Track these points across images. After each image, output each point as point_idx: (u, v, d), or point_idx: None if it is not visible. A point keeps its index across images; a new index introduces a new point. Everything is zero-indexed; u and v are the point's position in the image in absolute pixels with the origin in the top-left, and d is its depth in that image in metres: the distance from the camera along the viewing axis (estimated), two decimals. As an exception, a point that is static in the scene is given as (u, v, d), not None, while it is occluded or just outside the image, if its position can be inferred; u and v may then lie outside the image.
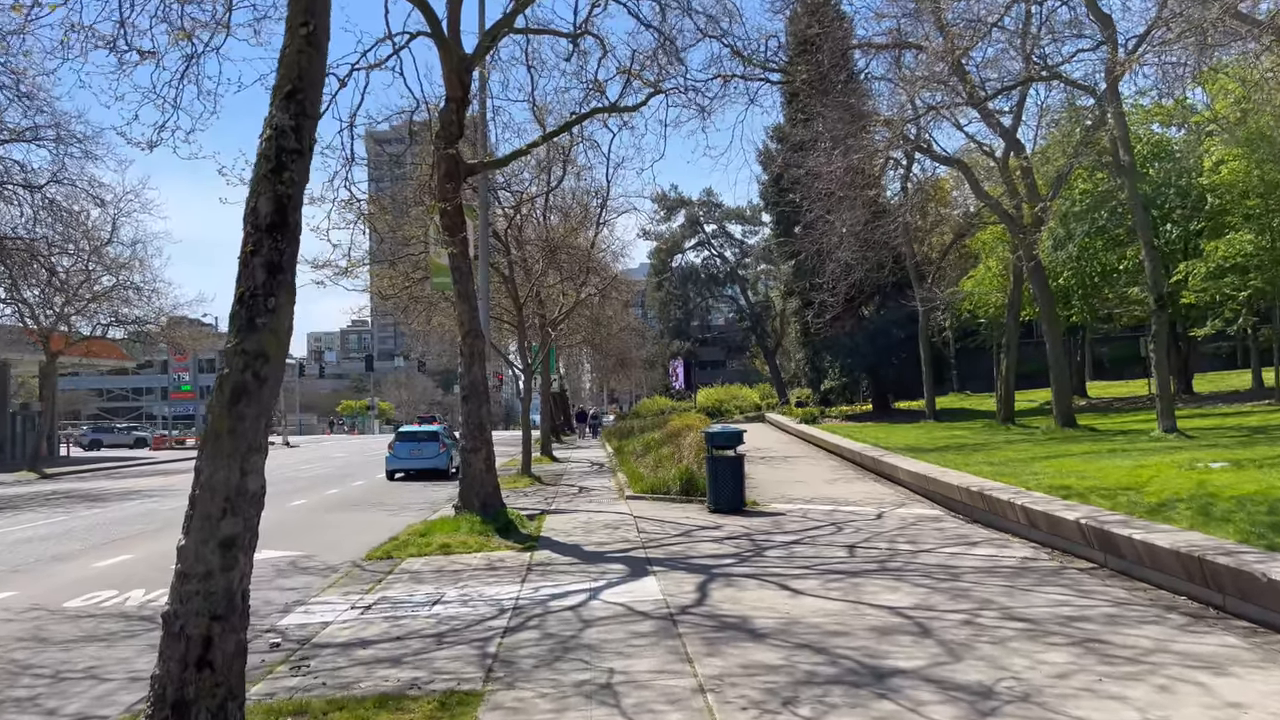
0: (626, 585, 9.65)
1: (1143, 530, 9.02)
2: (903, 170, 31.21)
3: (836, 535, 12.35)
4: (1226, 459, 12.68)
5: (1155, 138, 31.14)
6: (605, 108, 16.73)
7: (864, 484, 18.40)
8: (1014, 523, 11.95)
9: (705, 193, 65.77)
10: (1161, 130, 32.13)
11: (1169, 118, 31.77)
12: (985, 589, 8.76)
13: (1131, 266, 29.42)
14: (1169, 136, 30.36)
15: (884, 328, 36.79)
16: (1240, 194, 26.26)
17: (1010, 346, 27.02)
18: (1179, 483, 11.15)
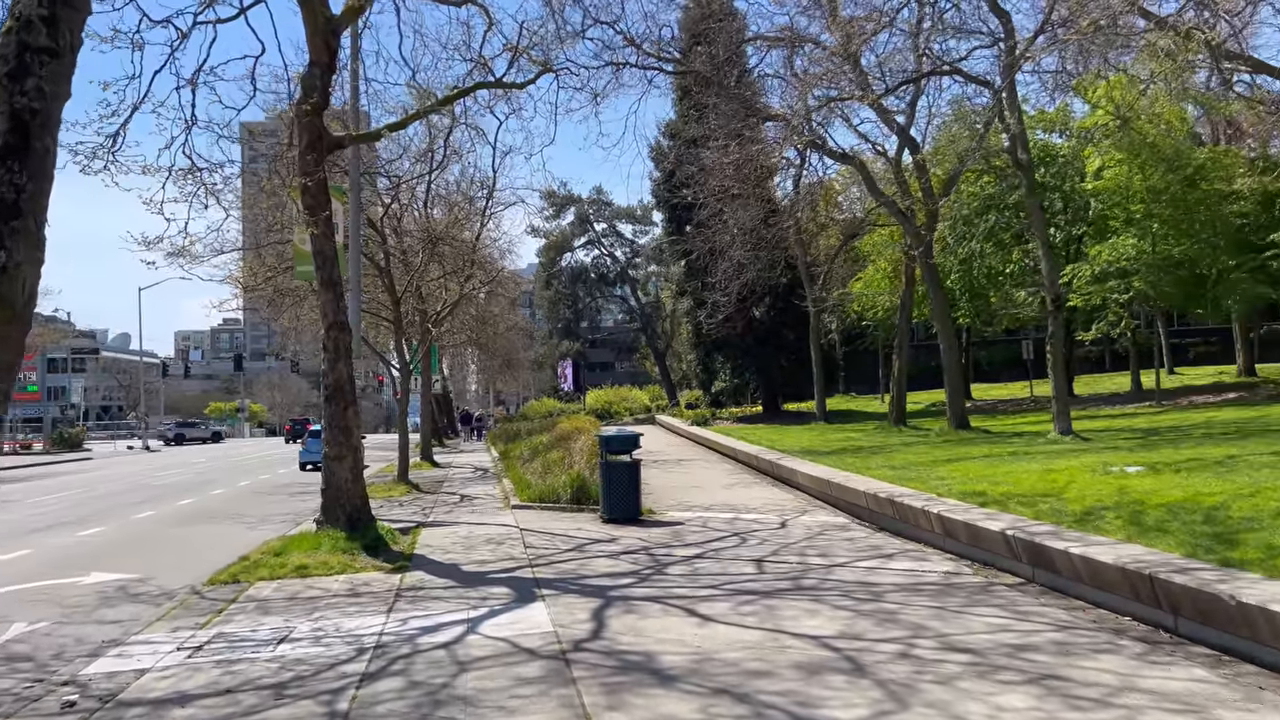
0: (511, 614, 8.39)
1: (1079, 543, 8.27)
2: (795, 169, 30.74)
3: (742, 548, 11.35)
4: (1138, 463, 12.25)
5: (1040, 144, 31.56)
6: (491, 82, 15.39)
7: (763, 489, 17.55)
8: (928, 532, 11.18)
9: (595, 190, 64.70)
10: (1045, 137, 32.60)
11: (1052, 125, 32.26)
12: (913, 611, 7.85)
13: (1018, 270, 29.66)
14: (1054, 143, 30.77)
15: (775, 329, 36.37)
16: (1122, 199, 26.68)
17: (901, 348, 26.79)
18: (1099, 489, 10.56)
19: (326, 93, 13.09)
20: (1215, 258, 24.87)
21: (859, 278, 37.04)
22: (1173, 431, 17.59)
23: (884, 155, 26.20)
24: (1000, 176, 28.59)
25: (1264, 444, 12.97)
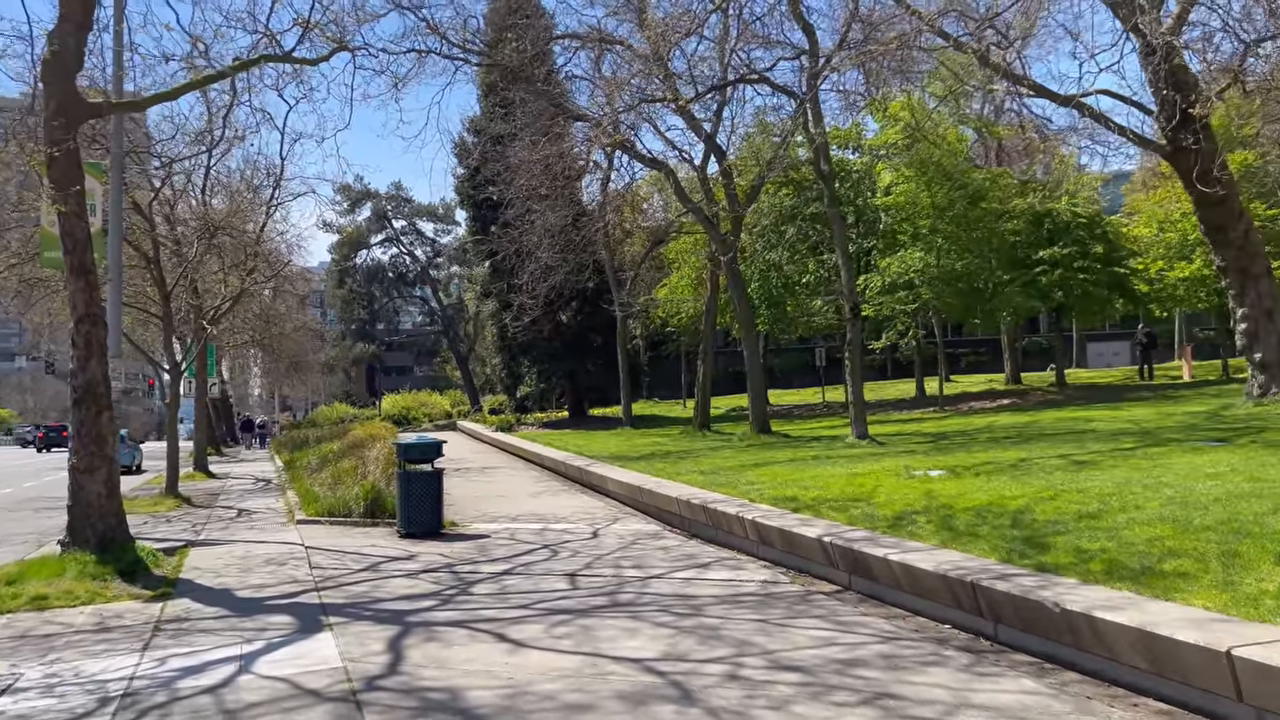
0: (293, 647, 7.35)
1: (897, 550, 8.16)
2: (604, 171, 30.46)
3: (553, 561, 10.68)
4: (939, 466, 12.54)
5: (836, 159, 32.82)
6: (278, 56, 14.01)
7: (572, 497, 16.97)
8: (742, 539, 10.94)
9: (395, 186, 62.25)
10: (840, 153, 33.92)
11: (845, 141, 33.54)
12: (736, 626, 7.46)
13: (814, 279, 30.61)
14: (848, 159, 32.04)
15: (583, 333, 35.99)
16: (911, 214, 28.04)
17: (707, 354, 27.00)
18: (906, 493, 10.63)
19: (81, 52, 11.40)
20: (991, 272, 26.57)
21: (664, 284, 37.25)
22: (960, 435, 18.39)
23: (690, 162, 26.31)
24: (799, 189, 29.43)
25: (1048, 447, 13.64)
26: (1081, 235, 26.34)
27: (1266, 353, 16.58)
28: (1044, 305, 27.41)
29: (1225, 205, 16.88)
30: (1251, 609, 5.50)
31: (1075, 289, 25.86)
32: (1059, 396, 25.93)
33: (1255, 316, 16.67)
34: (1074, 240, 26.19)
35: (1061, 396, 25.87)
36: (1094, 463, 11.27)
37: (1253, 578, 5.98)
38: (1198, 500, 8.01)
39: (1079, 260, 25.76)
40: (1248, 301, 16.75)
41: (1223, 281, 17.51)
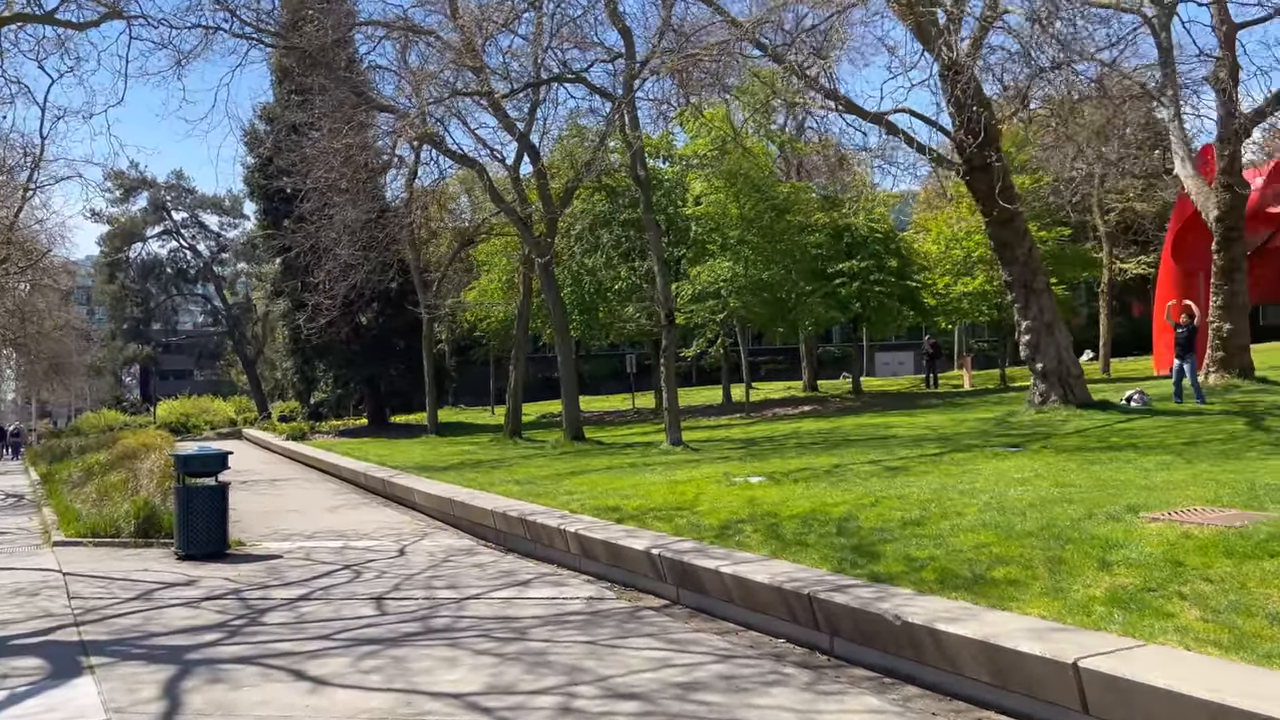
0: (43, 697, 6.22)
1: (728, 561, 7.89)
2: (410, 167, 29.22)
3: (356, 583, 9.78)
4: (757, 473, 12.51)
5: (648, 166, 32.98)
6: (38, 16, 12.33)
7: (374, 511, 15.90)
8: (563, 552, 10.44)
9: (175, 174, 57.62)
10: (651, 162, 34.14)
11: (656, 150, 33.78)
12: (565, 649, 6.94)
13: (626, 286, 30.56)
14: (659, 167, 32.23)
15: (385, 336, 34.39)
16: (719, 225, 28.50)
17: (519, 359, 26.35)
18: (729, 501, 10.47)
19: None
20: (794, 283, 27.38)
21: (473, 286, 36.25)
22: (769, 441, 18.67)
23: (502, 162, 25.60)
24: (613, 194, 29.31)
25: (859, 453, 13.94)
26: (878, 250, 27.65)
27: (1046, 363, 17.74)
28: (844, 315, 28.59)
29: (1013, 224, 17.95)
30: (1084, 616, 5.53)
31: (872, 301, 27.09)
32: (856, 403, 27.03)
33: (1037, 329, 17.81)
34: (871, 254, 27.45)
35: (859, 403, 26.98)
36: (906, 468, 11.53)
37: (1079, 584, 6.05)
38: (1013, 506, 8.20)
39: (875, 273, 27.01)
40: (1031, 314, 17.87)
41: (1009, 295, 18.65)
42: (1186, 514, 6.98)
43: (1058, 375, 17.78)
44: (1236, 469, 8.88)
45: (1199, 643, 4.91)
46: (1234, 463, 9.37)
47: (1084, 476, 9.38)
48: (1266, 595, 5.29)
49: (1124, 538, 6.58)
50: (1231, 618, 5.10)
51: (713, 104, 27.34)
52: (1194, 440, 11.91)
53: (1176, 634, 5.05)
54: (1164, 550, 6.21)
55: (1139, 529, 6.74)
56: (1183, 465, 9.51)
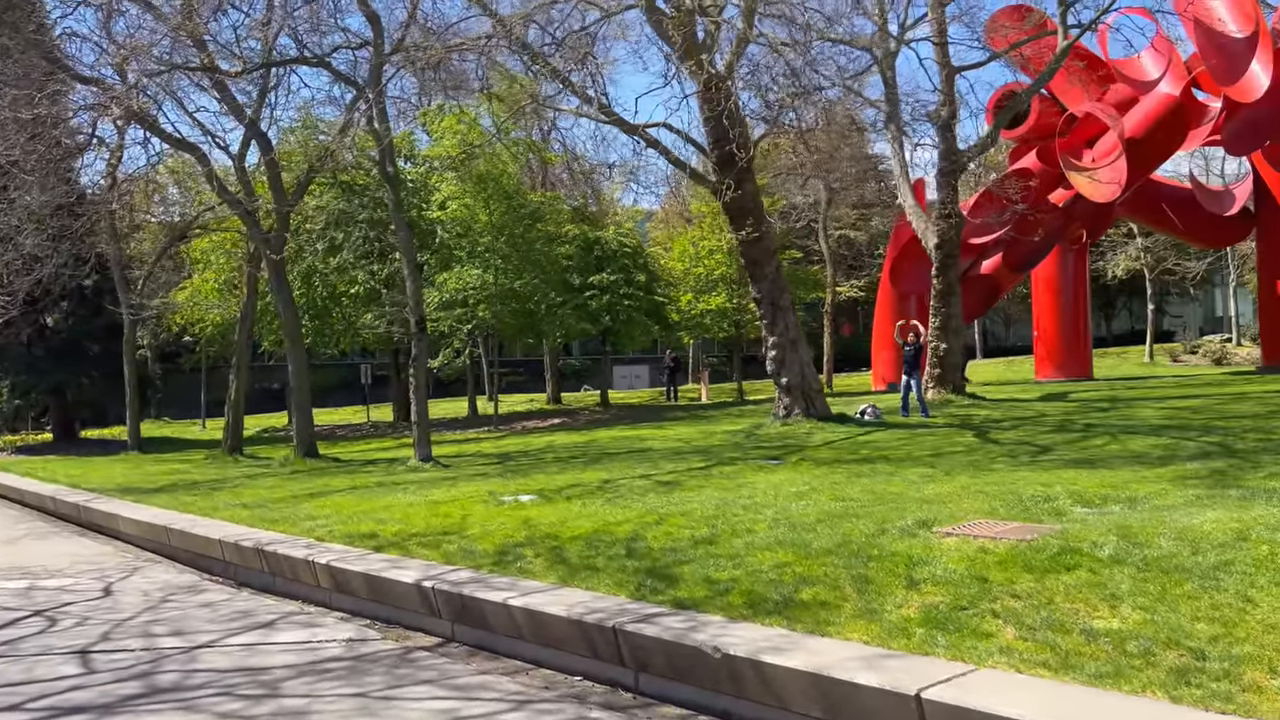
0: None
1: (515, 592, 7.16)
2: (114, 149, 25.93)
3: (51, 634, 8.06)
4: (525, 491, 11.82)
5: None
6: None
7: (67, 541, 13.60)
8: (310, 586, 9.22)
9: None
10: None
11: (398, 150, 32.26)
12: (330, 706, 5.93)
13: (365, 291, 28.83)
14: (401, 167, 30.69)
15: (76, 340, 30.23)
16: (467, 230, 27.54)
17: (241, 367, 23.93)
18: (502, 522, 9.71)
19: None
20: (545, 294, 26.94)
21: (184, 285, 32.80)
22: (525, 456, 18.03)
23: (226, 150, 23.23)
24: (350, 191, 27.53)
25: (625, 467, 13.62)
26: (627, 264, 27.85)
27: (791, 378, 18.40)
28: (594, 328, 28.52)
29: (762, 243, 18.50)
30: (905, 639, 5.33)
31: (622, 314, 27.21)
32: (605, 415, 27.00)
33: (783, 345, 18.44)
34: (620, 268, 27.58)
35: (607, 416, 26.96)
36: (679, 483, 11.29)
37: (891, 604, 5.88)
38: (801, 521, 8.08)
39: (625, 287, 27.16)
40: (777, 331, 18.48)
41: (758, 312, 19.21)
42: (974, 528, 7.09)
43: (801, 390, 18.48)
44: (995, 481, 9.32)
45: (1027, 664, 4.81)
46: (988, 474, 9.87)
47: (857, 490, 9.50)
48: (1074, 610, 5.33)
49: (925, 554, 6.54)
50: (1049, 635, 5.07)
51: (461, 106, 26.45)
52: (938, 452, 12.58)
53: (1002, 655, 4.94)
54: (966, 566, 6.20)
55: (936, 545, 6.75)
56: (943, 478, 9.90)
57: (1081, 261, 31.61)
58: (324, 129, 28.35)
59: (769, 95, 18.22)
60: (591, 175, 32.54)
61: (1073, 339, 30.95)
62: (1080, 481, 8.74)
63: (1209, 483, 8.25)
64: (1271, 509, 6.75)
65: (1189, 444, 11.28)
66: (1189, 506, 7.14)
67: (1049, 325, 31.12)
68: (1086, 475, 9.17)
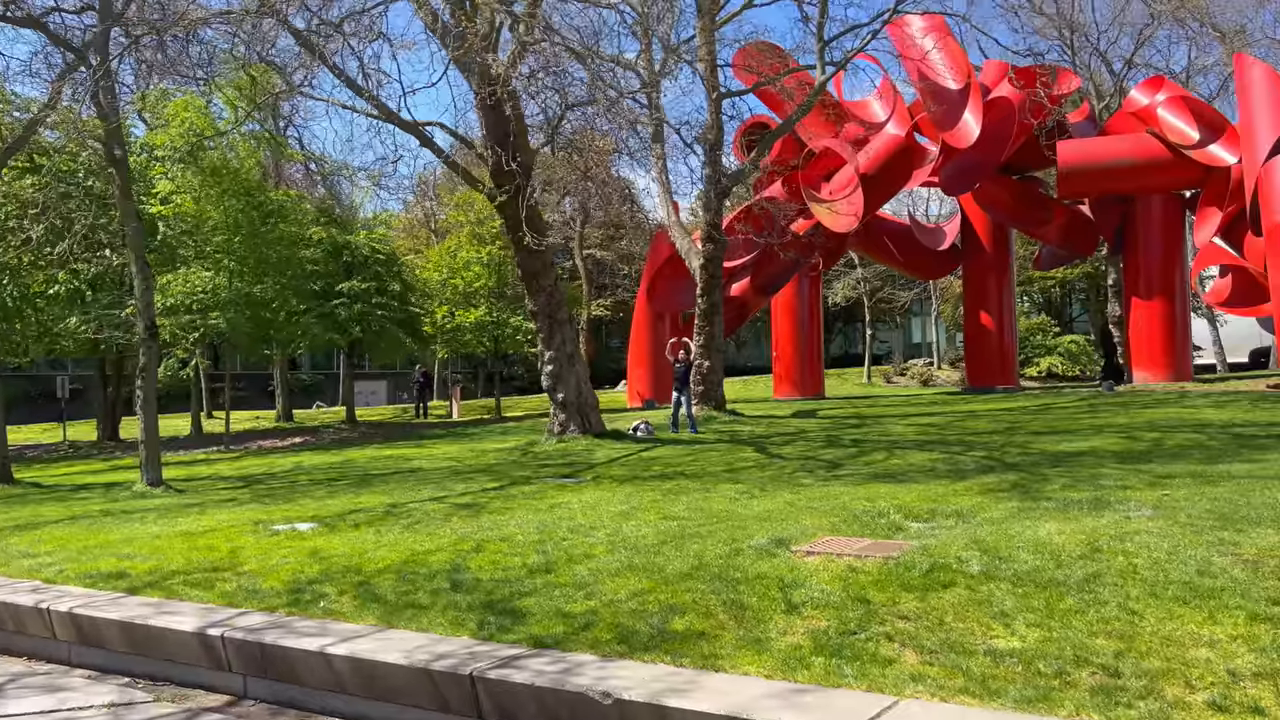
0: None
1: (332, 638, 6.14)
2: None
3: None
4: (294, 517, 10.47)
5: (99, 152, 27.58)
6: None
7: None
8: (43, 639, 7.59)
9: None
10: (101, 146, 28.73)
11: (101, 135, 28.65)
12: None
13: (66, 292, 25.22)
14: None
15: None
16: (195, 228, 24.82)
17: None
18: (284, 555, 8.47)
19: None
20: (287, 301, 24.77)
21: None
22: (274, 479, 16.30)
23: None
24: (57, 178, 23.96)
25: (409, 489, 12.51)
26: (380, 271, 26.20)
27: (567, 393, 17.95)
28: (343, 339, 26.52)
29: (541, 255, 17.95)
30: (806, 671, 4.98)
31: (374, 325, 25.52)
32: (353, 434, 25.21)
33: (560, 360, 17.96)
34: (373, 275, 25.91)
35: (355, 434, 25.18)
36: (481, 505, 10.45)
37: (775, 631, 5.53)
38: (641, 543, 7.60)
39: (377, 296, 25.52)
40: (554, 345, 17.99)
41: (535, 326, 18.59)
42: (829, 545, 6.93)
43: (577, 406, 18.09)
44: (818, 497, 9.31)
45: (946, 691, 4.59)
46: (805, 490, 9.87)
47: (681, 508, 9.16)
48: (968, 630, 5.21)
49: (793, 575, 6.26)
50: (953, 658, 4.90)
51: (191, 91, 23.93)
52: (732, 468, 12.58)
53: (915, 682, 4.70)
54: (841, 587, 5.97)
55: (801, 565, 6.49)
56: (761, 494, 9.79)
57: (816, 288, 33.69)
58: (20, 104, 24.70)
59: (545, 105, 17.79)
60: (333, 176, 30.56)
61: (808, 360, 32.84)
62: (900, 496, 8.90)
63: (1016, 495, 8.66)
64: (1101, 519, 7.11)
65: (964, 458, 11.99)
66: (1017, 519, 7.39)
67: (787, 347, 32.83)
68: (902, 490, 9.38)
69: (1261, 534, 6.24)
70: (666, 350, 20.94)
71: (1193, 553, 5.88)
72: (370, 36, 14.08)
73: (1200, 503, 7.45)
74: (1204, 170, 25.99)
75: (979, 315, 31.93)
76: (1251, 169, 23.45)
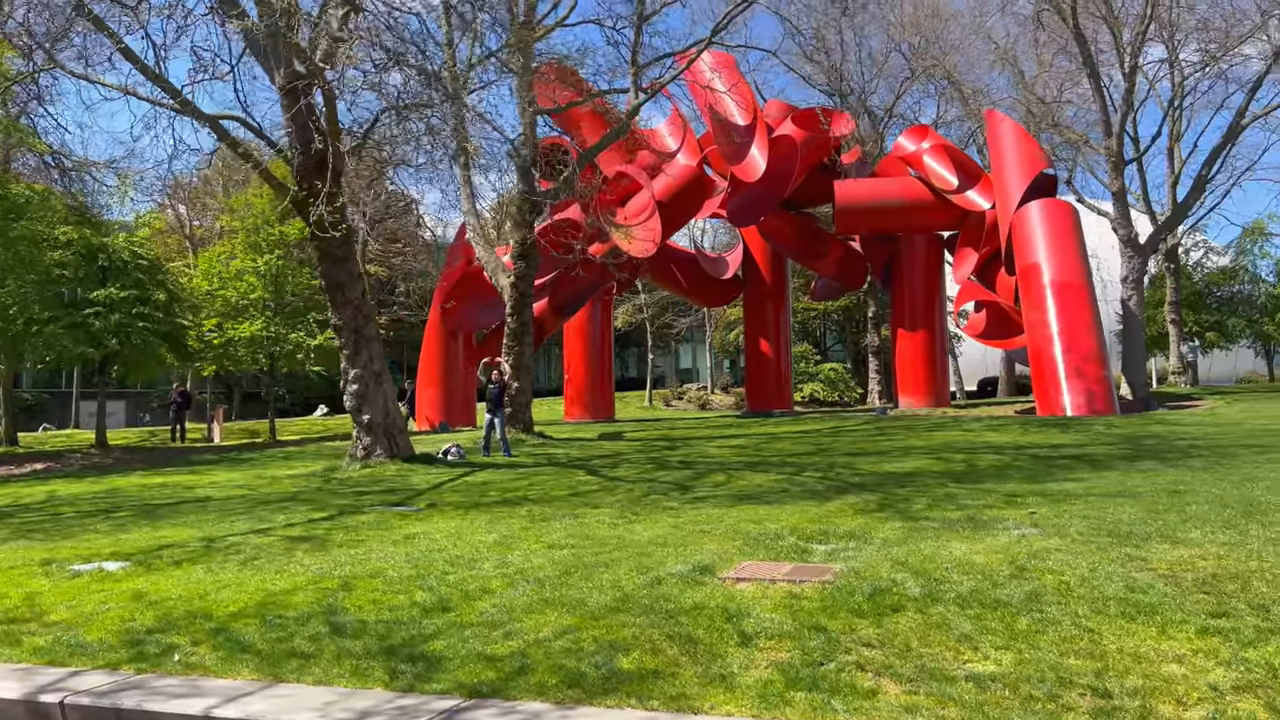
0: None
1: (215, 698, 5.20)
2: None
3: None
4: (89, 555, 8.93)
5: None
6: None
7: None
8: None
9: None
10: None
11: None
12: None
13: None
14: None
15: None
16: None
17: None
18: (101, 601, 7.18)
19: None
20: (29, 306, 21.64)
21: None
22: (28, 511, 14.00)
23: None
24: None
25: (213, 521, 11.04)
26: (142, 279, 23.48)
27: (374, 415, 16.77)
28: (97, 352, 23.40)
29: (347, 265, 16.73)
30: (788, 708, 4.69)
31: (134, 337, 22.76)
32: (106, 460, 22.34)
33: (366, 378, 16.76)
34: (134, 283, 23.17)
35: (110, 460, 22.34)
36: (319, 537, 9.38)
37: (736, 665, 5.20)
38: (540, 575, 7.03)
39: (139, 306, 22.84)
40: (360, 363, 16.77)
41: (338, 341, 17.21)
42: (752, 570, 6.69)
43: (384, 428, 16.96)
44: (700, 519, 9.05)
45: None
46: (680, 514, 9.58)
47: (561, 534, 8.63)
48: (938, 655, 5.12)
49: (734, 605, 5.95)
50: (937, 686, 4.77)
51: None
52: (577, 491, 12.12)
53: (908, 714, 4.52)
54: (790, 616, 5.74)
55: (736, 593, 6.20)
56: (637, 518, 9.41)
57: (607, 311, 33.87)
58: None
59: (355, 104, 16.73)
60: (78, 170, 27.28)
61: (599, 383, 32.88)
62: (781, 518, 8.83)
63: (893, 515, 8.81)
64: (1000, 539, 7.32)
65: (805, 479, 12.17)
66: (915, 539, 7.49)
67: (579, 369, 32.72)
68: (777, 512, 9.31)
69: (1158, 548, 6.65)
70: (479, 370, 20.13)
71: (1111, 569, 6.15)
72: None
73: (1074, 521, 7.88)
74: (962, 213, 28.48)
75: (759, 342, 33.24)
76: (1005, 215, 25.93)
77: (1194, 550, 6.56)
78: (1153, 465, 12.13)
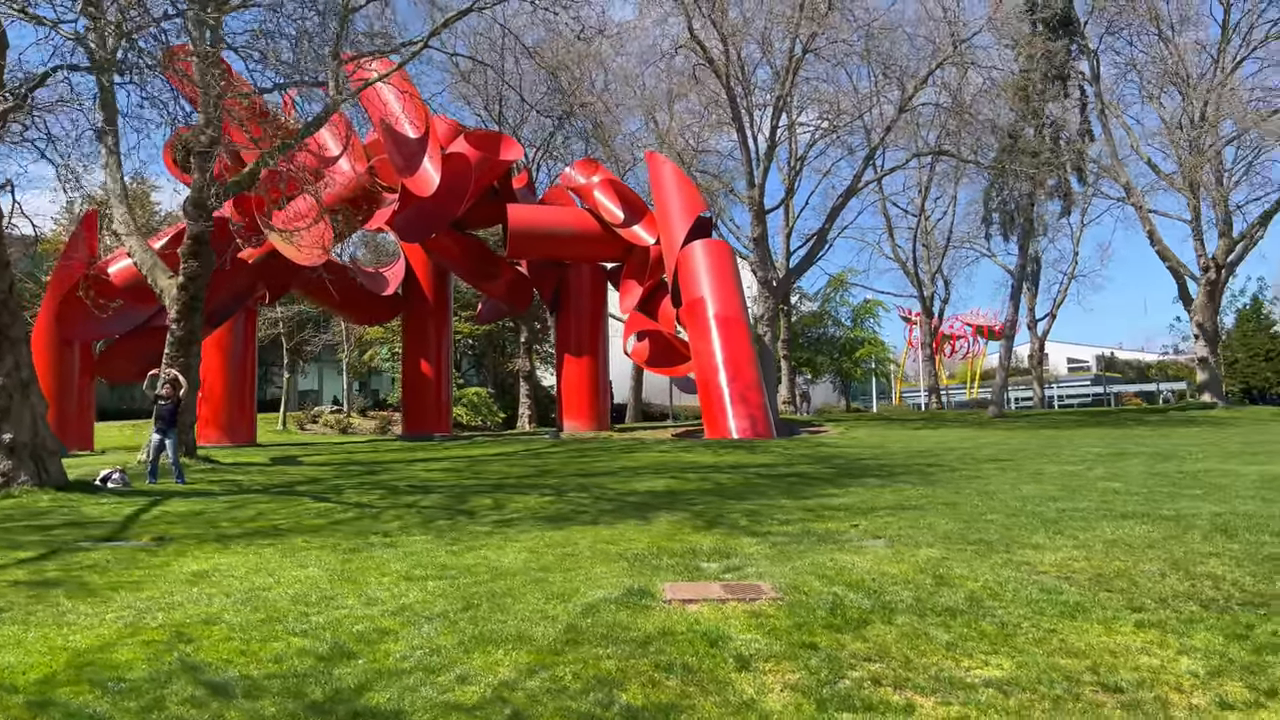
0: None
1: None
2: None
3: None
4: None
5: None
6: None
7: None
8: None
9: None
10: None
11: None
12: None
13: None
14: None
15: None
16: None
17: None
18: None
19: None
20: None
21: None
22: None
23: None
24: None
25: None
26: None
27: (19, 434, 13.63)
28: None
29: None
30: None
31: None
32: None
33: (10, 389, 13.58)
34: None
35: None
36: (73, 581, 7.37)
37: (752, 690, 4.92)
38: (440, 612, 6.11)
39: None
40: (4, 370, 13.58)
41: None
42: (688, 591, 6.33)
43: (31, 450, 13.94)
44: (559, 541, 8.38)
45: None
46: (532, 537, 8.81)
47: (405, 564, 7.54)
48: (940, 665, 5.19)
49: (704, 628, 5.60)
50: (965, 695, 4.83)
51: None
52: (337, 520, 10.74)
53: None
54: (771, 636, 5.51)
55: (698, 615, 5.83)
56: (485, 545, 8.47)
57: (251, 324, 30.83)
58: None
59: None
60: None
61: (240, 403, 29.73)
62: (635, 539, 8.46)
63: (732, 531, 8.82)
64: (867, 551, 7.61)
65: (580, 498, 11.84)
66: (795, 554, 7.58)
67: (217, 387, 29.27)
68: (629, 532, 8.92)
69: (1027, 554, 7.33)
70: (145, 383, 17.16)
71: (1011, 574, 6.67)
72: None
73: (921, 532, 8.45)
74: (628, 246, 29.84)
75: (419, 362, 32.14)
76: (670, 251, 27.58)
77: (1059, 554, 7.34)
78: (876, 481, 13.41)
